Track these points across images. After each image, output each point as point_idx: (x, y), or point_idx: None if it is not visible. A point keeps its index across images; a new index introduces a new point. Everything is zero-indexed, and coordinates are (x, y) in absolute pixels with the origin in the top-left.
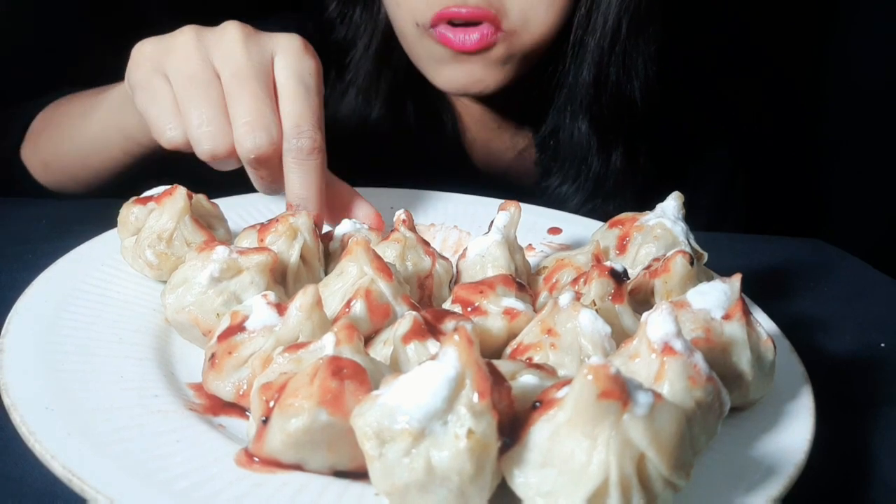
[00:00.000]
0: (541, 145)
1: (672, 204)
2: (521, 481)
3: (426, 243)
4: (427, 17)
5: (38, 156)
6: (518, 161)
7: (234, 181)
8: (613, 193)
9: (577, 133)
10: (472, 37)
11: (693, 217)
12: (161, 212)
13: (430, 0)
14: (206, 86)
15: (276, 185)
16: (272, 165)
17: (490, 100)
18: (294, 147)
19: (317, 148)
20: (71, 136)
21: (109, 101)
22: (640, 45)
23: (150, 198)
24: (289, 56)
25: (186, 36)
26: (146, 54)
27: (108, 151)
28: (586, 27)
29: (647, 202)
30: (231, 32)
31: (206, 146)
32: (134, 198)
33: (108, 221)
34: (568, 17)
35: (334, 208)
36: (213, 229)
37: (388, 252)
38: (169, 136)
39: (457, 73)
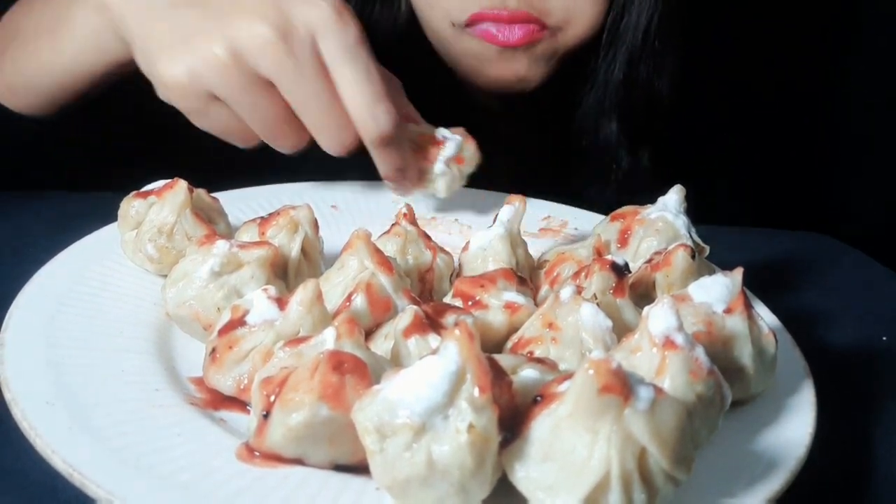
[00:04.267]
0: (568, 144)
1: (674, 197)
2: (522, 475)
3: (427, 237)
4: (462, 17)
5: (2, 79)
6: (542, 160)
7: (235, 177)
8: (640, 192)
9: (607, 132)
10: (516, 32)
11: (700, 212)
12: (162, 205)
13: (467, 1)
14: (266, 108)
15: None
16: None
17: (513, 97)
18: (377, 135)
19: (396, 124)
20: (40, 63)
21: (82, 27)
22: (670, 42)
23: (150, 192)
24: (330, 34)
25: (221, 59)
26: (181, 79)
27: (89, 77)
28: (619, 26)
29: (658, 197)
30: (261, 31)
31: (288, 152)
32: (134, 192)
33: (109, 216)
34: (606, 15)
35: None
36: (213, 223)
37: (389, 246)
38: (246, 147)
39: (500, 70)
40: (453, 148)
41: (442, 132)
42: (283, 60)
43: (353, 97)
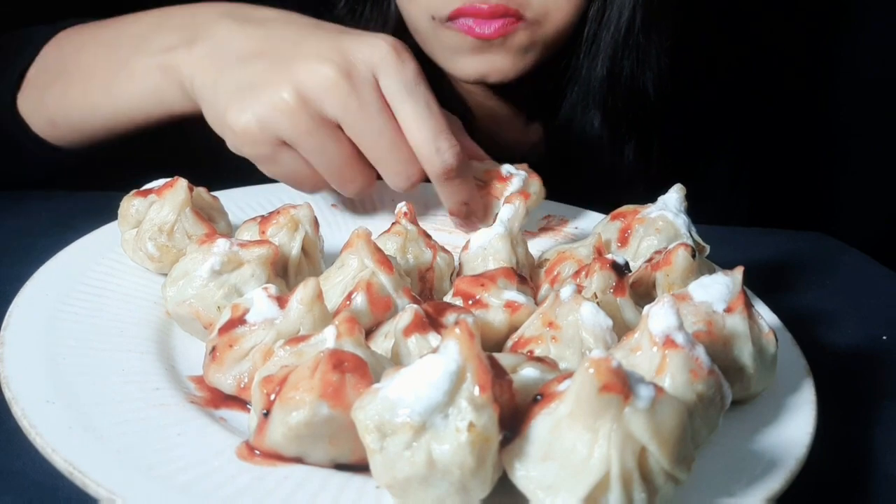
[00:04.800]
0: (553, 139)
1: (674, 196)
2: (523, 475)
3: (428, 236)
4: (444, 12)
5: (42, 111)
6: (529, 155)
7: (235, 175)
8: (626, 187)
9: (591, 126)
10: (492, 25)
11: (699, 210)
12: (162, 204)
13: None
14: (335, 150)
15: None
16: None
17: (501, 93)
18: (441, 169)
19: (460, 157)
20: (92, 102)
21: (144, 73)
22: (653, 38)
23: (150, 190)
24: (390, 71)
25: (290, 104)
26: (251, 127)
27: (141, 121)
28: (601, 21)
29: (657, 196)
30: (325, 73)
31: (353, 195)
32: (134, 190)
33: (109, 214)
34: (584, 9)
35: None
36: (213, 222)
37: (389, 245)
38: (312, 192)
39: (476, 61)
40: (518, 183)
41: (507, 168)
42: (347, 99)
43: (416, 131)
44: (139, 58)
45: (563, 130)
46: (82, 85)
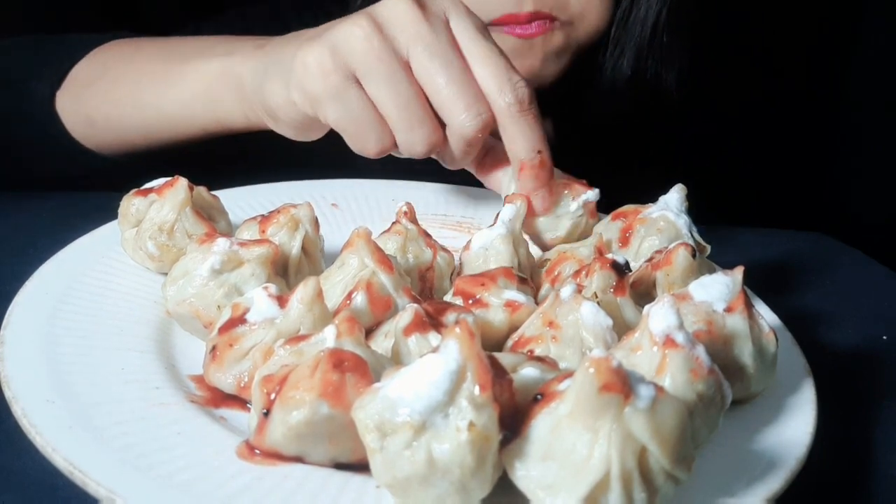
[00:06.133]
0: (573, 137)
1: (675, 196)
2: (523, 474)
3: (428, 235)
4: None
5: (81, 109)
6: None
7: (236, 175)
8: (645, 186)
9: (612, 125)
10: (532, 27)
11: (701, 211)
12: (162, 203)
13: (487, 7)
14: (405, 84)
15: (469, 158)
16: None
17: None
18: (513, 100)
19: (533, 92)
20: (138, 103)
21: (200, 75)
22: (678, 37)
23: (150, 189)
24: (462, 14)
25: (365, 30)
26: (324, 57)
27: (185, 128)
28: (627, 20)
29: (660, 195)
30: (401, 5)
31: (420, 148)
32: (134, 190)
33: (109, 214)
34: (615, 10)
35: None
36: (214, 221)
37: (389, 244)
38: (376, 149)
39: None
40: (594, 196)
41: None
42: (420, 27)
43: (486, 66)
44: (199, 61)
45: (584, 129)
46: (132, 83)
